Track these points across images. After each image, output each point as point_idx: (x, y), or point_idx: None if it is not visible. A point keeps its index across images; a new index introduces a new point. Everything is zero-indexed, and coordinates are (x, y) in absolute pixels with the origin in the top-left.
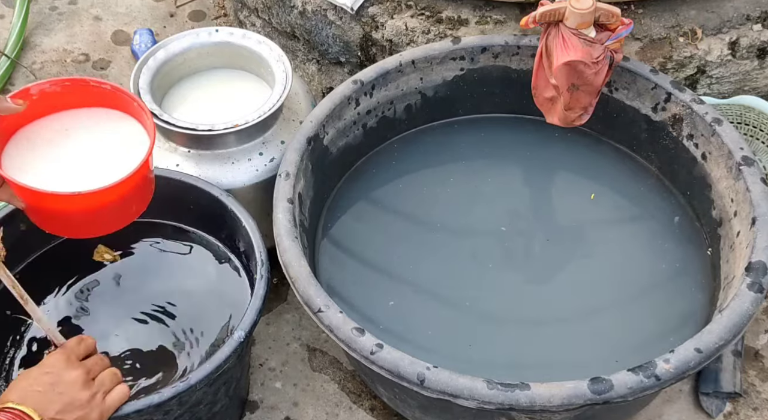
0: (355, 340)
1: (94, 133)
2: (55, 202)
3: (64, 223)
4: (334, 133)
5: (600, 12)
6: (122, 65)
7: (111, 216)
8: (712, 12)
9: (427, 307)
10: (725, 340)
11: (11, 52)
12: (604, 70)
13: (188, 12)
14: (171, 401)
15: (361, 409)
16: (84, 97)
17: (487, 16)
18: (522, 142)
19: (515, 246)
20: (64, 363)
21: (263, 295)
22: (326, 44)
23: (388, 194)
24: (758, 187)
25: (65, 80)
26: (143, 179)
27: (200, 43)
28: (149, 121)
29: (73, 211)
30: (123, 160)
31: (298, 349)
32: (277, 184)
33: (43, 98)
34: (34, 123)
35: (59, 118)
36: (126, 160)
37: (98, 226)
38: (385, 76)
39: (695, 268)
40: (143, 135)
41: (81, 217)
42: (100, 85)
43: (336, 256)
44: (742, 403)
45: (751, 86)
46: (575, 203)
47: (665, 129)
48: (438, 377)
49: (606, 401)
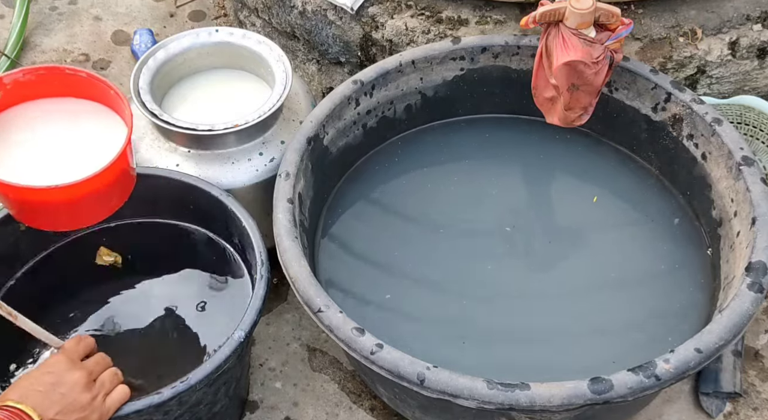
0: (355, 340)
1: (70, 123)
2: (31, 195)
3: (43, 215)
4: (334, 133)
5: (600, 12)
6: (122, 65)
7: (91, 208)
8: (712, 12)
9: (427, 304)
10: (725, 340)
11: (11, 52)
12: (604, 70)
13: (188, 12)
14: (171, 401)
15: (361, 409)
16: (60, 86)
17: (487, 16)
18: (521, 142)
19: (514, 245)
20: (66, 364)
21: (263, 295)
22: (326, 44)
23: (388, 194)
24: (758, 187)
25: (39, 68)
26: (122, 170)
27: (200, 43)
28: (127, 110)
29: (51, 204)
30: (100, 151)
31: (298, 349)
32: (277, 184)
33: (17, 88)
34: (7, 112)
35: (34, 107)
36: (103, 151)
37: (79, 219)
38: (385, 76)
39: (695, 268)
40: (120, 125)
41: (59, 209)
42: (75, 73)
43: (336, 257)
44: (742, 403)
45: (751, 86)
46: (575, 203)
47: (665, 129)
48: (438, 377)
49: (606, 401)
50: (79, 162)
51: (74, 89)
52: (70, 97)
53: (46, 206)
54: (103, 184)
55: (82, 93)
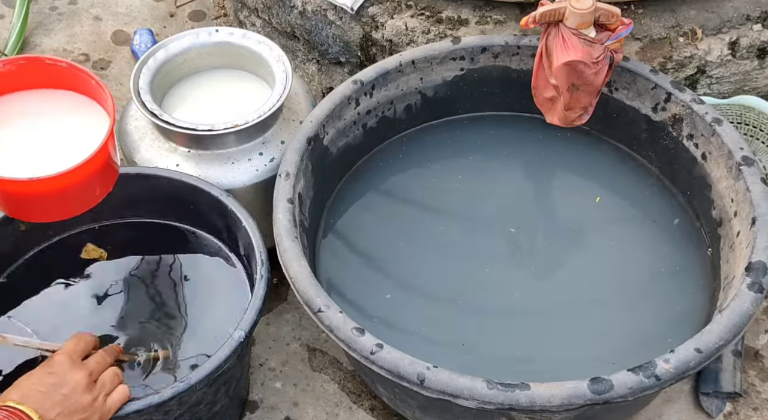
0: (355, 340)
1: (52, 114)
2: (11, 186)
3: (25, 207)
4: (334, 133)
5: (600, 12)
6: (122, 65)
7: (73, 200)
8: (712, 12)
9: (427, 304)
10: (725, 340)
11: (11, 52)
12: (604, 70)
13: (188, 12)
14: (171, 401)
15: (361, 409)
16: (41, 77)
17: (487, 16)
18: (521, 142)
19: (514, 245)
20: (68, 364)
21: (263, 295)
22: (326, 44)
23: (390, 193)
24: (758, 187)
25: (20, 58)
26: (104, 162)
27: (200, 43)
28: (109, 101)
29: (32, 196)
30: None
31: (298, 349)
32: (277, 184)
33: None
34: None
35: (15, 99)
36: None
37: (61, 211)
38: (385, 76)
39: (695, 268)
40: (102, 115)
41: (41, 201)
42: (56, 63)
43: (336, 257)
44: (742, 403)
45: (751, 86)
46: (577, 203)
47: (665, 129)
48: (438, 377)
49: (606, 401)
50: (61, 153)
51: (55, 80)
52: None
53: (26, 198)
54: (85, 175)
55: (64, 84)
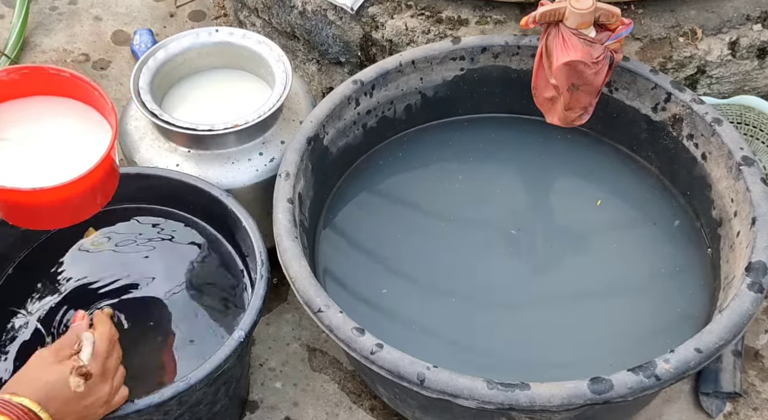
0: (355, 340)
1: (54, 124)
2: (12, 196)
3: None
4: (334, 133)
5: (600, 12)
6: (122, 65)
7: (74, 208)
8: (712, 12)
9: (427, 304)
10: (725, 340)
11: (11, 52)
12: (604, 70)
13: (188, 12)
14: (171, 401)
15: (361, 409)
16: (43, 86)
17: (487, 16)
18: (522, 144)
19: (518, 246)
20: (99, 377)
21: (263, 295)
22: (326, 44)
23: (390, 193)
24: (758, 187)
25: (23, 68)
26: (106, 172)
27: (200, 43)
28: (111, 111)
29: (34, 205)
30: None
31: (298, 349)
32: (277, 184)
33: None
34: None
35: (18, 107)
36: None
37: (62, 218)
38: (385, 76)
39: (695, 269)
40: (104, 125)
41: (43, 210)
42: (59, 72)
43: (336, 256)
44: (742, 403)
45: (751, 86)
46: (577, 204)
47: (665, 129)
48: (438, 377)
49: (606, 401)
50: (63, 163)
51: (59, 89)
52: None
53: (29, 207)
54: (87, 185)
55: (67, 93)
